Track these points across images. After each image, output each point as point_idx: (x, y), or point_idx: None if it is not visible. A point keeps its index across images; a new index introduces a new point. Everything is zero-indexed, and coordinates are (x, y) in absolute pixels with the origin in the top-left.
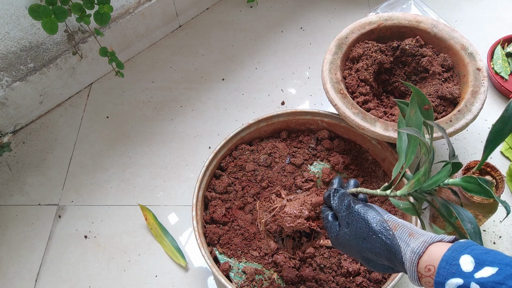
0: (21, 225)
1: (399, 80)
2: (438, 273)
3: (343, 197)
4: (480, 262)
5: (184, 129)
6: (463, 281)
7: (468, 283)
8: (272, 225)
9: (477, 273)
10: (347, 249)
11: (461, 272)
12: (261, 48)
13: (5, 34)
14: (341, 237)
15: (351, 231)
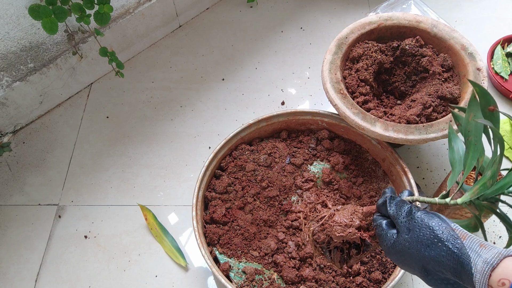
0: (21, 225)
1: (399, 80)
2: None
3: (402, 204)
4: None
5: (184, 129)
6: None
7: None
8: (320, 235)
9: None
10: (406, 257)
11: None
12: (261, 48)
13: (5, 34)
14: (400, 244)
15: (412, 238)
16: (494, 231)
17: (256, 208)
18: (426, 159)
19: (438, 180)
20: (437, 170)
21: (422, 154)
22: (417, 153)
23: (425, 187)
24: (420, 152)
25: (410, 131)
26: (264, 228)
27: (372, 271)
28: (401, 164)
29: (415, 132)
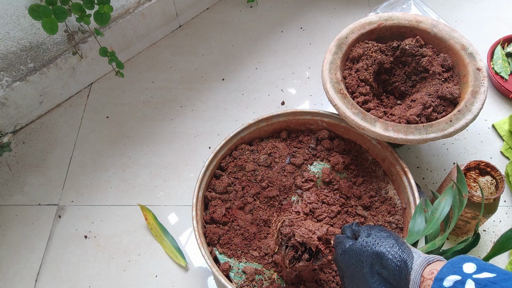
0: (21, 225)
1: (399, 80)
2: (440, 271)
3: (366, 226)
4: (481, 268)
5: (184, 129)
6: (461, 277)
7: (464, 280)
8: (286, 228)
9: (475, 275)
10: (359, 257)
11: (461, 272)
12: (261, 48)
13: (5, 34)
14: (357, 245)
15: (373, 238)
16: (494, 231)
17: (256, 208)
18: (426, 159)
19: (438, 180)
20: (437, 170)
21: (422, 154)
22: (417, 153)
23: (425, 187)
24: (420, 152)
25: (410, 131)
26: (264, 228)
27: None
28: (401, 164)
29: (415, 132)
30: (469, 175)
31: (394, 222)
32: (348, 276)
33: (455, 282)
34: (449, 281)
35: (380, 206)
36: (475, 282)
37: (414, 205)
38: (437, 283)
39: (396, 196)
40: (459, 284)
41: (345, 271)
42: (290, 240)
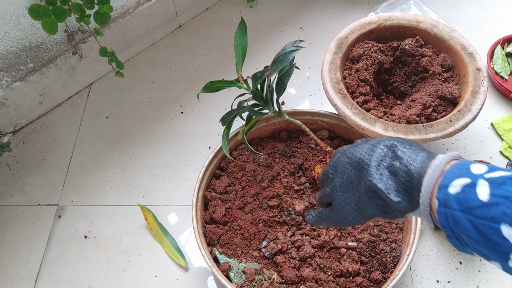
0: (21, 225)
1: (399, 80)
2: (444, 177)
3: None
4: (493, 168)
5: (184, 129)
6: (471, 180)
7: (475, 181)
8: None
9: (487, 174)
10: (366, 146)
11: (470, 173)
12: (261, 48)
13: (5, 34)
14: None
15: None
16: None
17: (256, 208)
18: None
19: None
20: None
21: None
22: None
23: None
24: None
25: (410, 131)
26: (264, 228)
27: (372, 271)
28: None
29: (415, 132)
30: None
31: (394, 222)
32: (341, 184)
33: (464, 186)
34: (456, 186)
35: None
36: (489, 182)
37: None
38: (442, 191)
39: None
40: (469, 188)
41: (341, 175)
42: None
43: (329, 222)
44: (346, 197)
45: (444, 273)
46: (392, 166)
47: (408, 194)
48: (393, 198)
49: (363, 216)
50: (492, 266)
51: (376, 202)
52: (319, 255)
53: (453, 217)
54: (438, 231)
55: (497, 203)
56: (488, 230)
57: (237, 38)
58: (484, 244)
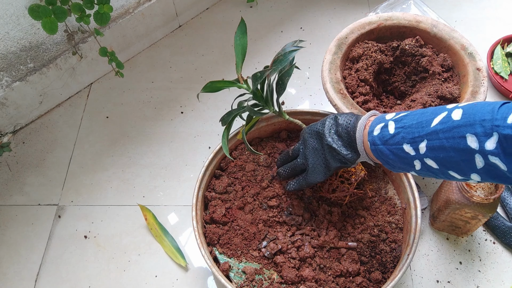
0: (21, 225)
1: (398, 80)
2: (370, 125)
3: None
4: (398, 113)
5: (184, 129)
6: (384, 123)
7: (387, 123)
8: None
9: (394, 117)
10: (319, 126)
11: (384, 119)
12: (261, 48)
13: (5, 34)
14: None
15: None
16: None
17: (256, 208)
18: None
19: (438, 180)
20: None
21: None
22: None
23: (425, 187)
24: None
25: None
26: (264, 228)
27: (372, 271)
28: None
29: None
30: None
31: (394, 222)
32: (310, 152)
33: (381, 128)
34: (377, 130)
35: (379, 206)
36: (394, 121)
37: (414, 205)
38: (370, 135)
39: (396, 196)
40: (384, 128)
41: (308, 146)
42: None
43: (306, 183)
44: (315, 160)
45: (444, 273)
46: (337, 131)
47: (352, 147)
48: (344, 152)
49: (330, 169)
50: (492, 266)
51: (336, 157)
52: (319, 255)
53: (379, 150)
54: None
55: (398, 132)
56: (397, 151)
57: (237, 38)
58: (398, 161)
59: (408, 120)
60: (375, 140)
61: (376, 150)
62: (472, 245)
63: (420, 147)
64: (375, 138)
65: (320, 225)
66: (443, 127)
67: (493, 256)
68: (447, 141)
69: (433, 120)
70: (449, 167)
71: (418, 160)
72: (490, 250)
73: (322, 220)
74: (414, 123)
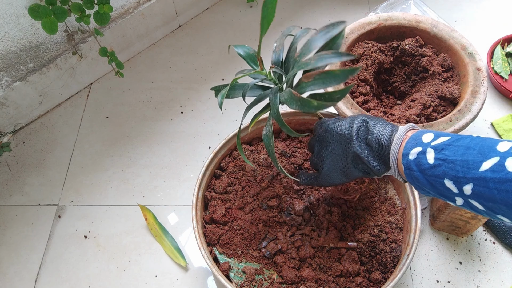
0: (21, 225)
1: (398, 80)
2: (405, 147)
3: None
4: (437, 135)
5: (184, 129)
6: (422, 148)
7: (425, 149)
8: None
9: (433, 142)
10: (345, 124)
11: (421, 143)
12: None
13: (5, 34)
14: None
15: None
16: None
17: (256, 208)
18: None
19: None
20: None
21: None
22: None
23: None
24: None
25: None
26: (264, 228)
27: (372, 271)
28: None
29: None
30: None
31: (394, 222)
32: (327, 155)
33: (418, 153)
34: (413, 154)
35: (380, 206)
36: (433, 149)
37: (414, 205)
38: (405, 158)
39: (396, 196)
40: (421, 154)
41: (326, 148)
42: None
43: (318, 184)
44: (331, 165)
45: (444, 273)
46: (367, 139)
47: (382, 160)
48: (372, 163)
49: (349, 177)
50: (492, 266)
51: (359, 166)
52: (319, 255)
53: (415, 176)
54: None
55: (439, 165)
56: (437, 183)
57: (265, 10)
58: (437, 192)
59: (451, 153)
60: (410, 165)
61: (411, 176)
62: (472, 245)
63: (465, 189)
64: (410, 163)
65: (320, 225)
66: (494, 176)
67: (493, 256)
68: (499, 193)
69: (482, 163)
70: (498, 213)
71: (462, 198)
72: (490, 250)
73: (322, 220)
74: (459, 160)
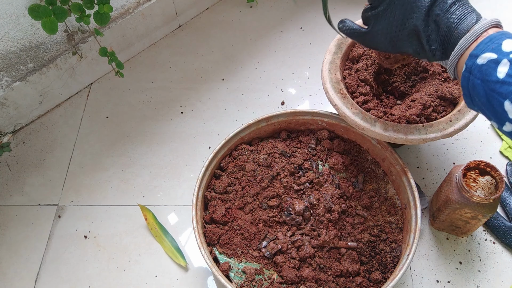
0: (21, 225)
1: (398, 80)
2: (477, 47)
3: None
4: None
5: (184, 129)
6: (497, 55)
7: (500, 59)
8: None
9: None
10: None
11: (499, 50)
12: (261, 48)
13: (4, 34)
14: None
15: None
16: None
17: (256, 208)
18: (426, 159)
19: (438, 180)
20: (437, 170)
21: (422, 154)
22: (417, 153)
23: (425, 187)
24: (420, 152)
25: (410, 131)
26: (264, 228)
27: (372, 271)
28: (401, 164)
29: (415, 132)
30: (469, 175)
31: (394, 222)
32: (384, 15)
33: (489, 60)
34: (483, 58)
35: (380, 206)
36: (511, 62)
37: (414, 205)
38: (471, 60)
39: (396, 196)
40: (493, 63)
41: (387, 7)
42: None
43: (358, 39)
44: (384, 28)
45: (444, 273)
46: (439, 16)
47: (443, 46)
48: (431, 46)
49: (395, 49)
50: (492, 266)
51: (413, 42)
52: (319, 255)
53: (473, 83)
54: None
55: (509, 83)
56: (495, 101)
57: None
58: (489, 109)
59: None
60: (473, 70)
61: (469, 79)
62: (472, 245)
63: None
64: (475, 67)
65: (320, 225)
66: None
67: (493, 256)
68: None
69: None
70: None
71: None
72: (490, 250)
73: (322, 219)
74: None
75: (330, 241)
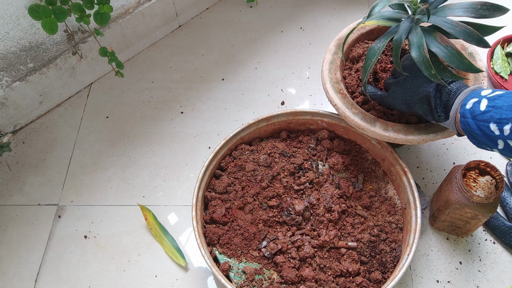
0: (21, 225)
1: None
2: (465, 99)
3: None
4: (494, 90)
5: (184, 129)
6: (478, 99)
7: (480, 99)
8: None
9: (489, 95)
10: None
11: (479, 95)
12: (261, 48)
13: (4, 34)
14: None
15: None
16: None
17: (256, 208)
18: (426, 159)
19: (438, 180)
20: (437, 170)
21: (422, 154)
22: (417, 153)
23: (425, 187)
24: (420, 152)
25: (410, 131)
26: (264, 228)
27: (372, 271)
28: (401, 164)
29: (415, 132)
30: (469, 175)
31: (394, 222)
32: (402, 83)
33: (474, 103)
34: (470, 104)
35: (380, 206)
36: (487, 99)
37: (414, 205)
38: (462, 108)
39: (396, 196)
40: (476, 104)
41: (405, 78)
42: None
43: (380, 101)
44: (401, 92)
45: (444, 273)
46: (442, 89)
47: (445, 110)
48: (437, 109)
49: (409, 109)
50: (492, 266)
51: (424, 106)
52: (319, 255)
53: (467, 123)
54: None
55: (488, 111)
56: (484, 127)
57: None
58: (483, 137)
59: (501, 102)
60: (465, 113)
61: (464, 122)
62: (472, 245)
63: (505, 129)
64: (466, 111)
65: (320, 224)
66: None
67: (493, 256)
68: None
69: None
70: None
71: (502, 140)
72: (490, 250)
73: (322, 219)
74: (506, 105)
75: (330, 241)
